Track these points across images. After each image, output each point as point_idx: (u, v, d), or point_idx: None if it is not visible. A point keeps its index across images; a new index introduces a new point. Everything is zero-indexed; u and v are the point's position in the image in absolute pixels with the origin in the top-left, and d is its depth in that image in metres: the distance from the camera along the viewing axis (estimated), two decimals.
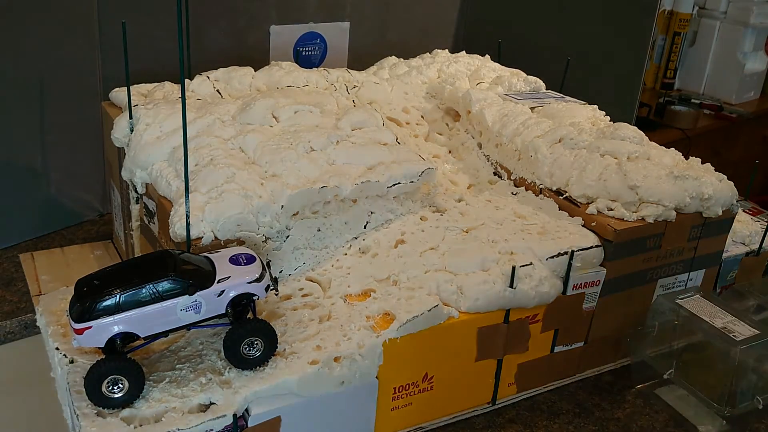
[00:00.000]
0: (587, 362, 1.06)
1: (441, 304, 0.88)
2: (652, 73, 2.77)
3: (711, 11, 2.69)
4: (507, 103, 1.26)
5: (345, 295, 0.90)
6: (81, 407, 0.73)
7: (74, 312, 0.71)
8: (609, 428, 0.96)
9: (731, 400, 0.97)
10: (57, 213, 1.33)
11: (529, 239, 0.97)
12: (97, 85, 1.31)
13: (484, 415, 0.97)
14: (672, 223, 1.01)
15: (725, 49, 2.68)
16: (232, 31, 1.49)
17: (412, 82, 1.39)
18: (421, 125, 1.29)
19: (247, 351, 0.77)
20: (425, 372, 0.90)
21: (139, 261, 0.81)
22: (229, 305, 0.76)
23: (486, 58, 1.52)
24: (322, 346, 0.82)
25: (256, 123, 1.03)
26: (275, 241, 0.92)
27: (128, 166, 1.01)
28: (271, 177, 0.93)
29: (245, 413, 0.76)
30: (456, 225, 1.01)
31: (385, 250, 0.97)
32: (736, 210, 1.09)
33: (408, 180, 1.00)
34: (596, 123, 1.22)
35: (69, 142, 1.30)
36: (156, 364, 0.80)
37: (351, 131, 1.05)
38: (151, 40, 1.36)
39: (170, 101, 1.09)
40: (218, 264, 0.77)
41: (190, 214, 0.85)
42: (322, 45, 1.64)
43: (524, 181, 1.13)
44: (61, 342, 0.83)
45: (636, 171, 1.03)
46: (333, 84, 1.29)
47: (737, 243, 1.19)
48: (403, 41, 1.73)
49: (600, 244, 0.98)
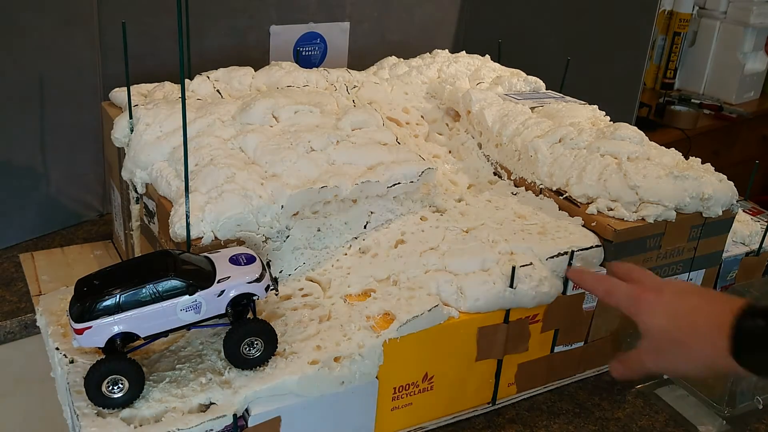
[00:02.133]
0: (587, 362, 1.06)
1: (441, 304, 0.88)
2: (652, 73, 2.77)
3: (711, 11, 2.69)
4: (507, 103, 1.26)
5: (345, 295, 0.90)
6: (81, 407, 0.73)
7: (74, 312, 0.71)
8: (609, 428, 0.96)
9: (731, 400, 0.97)
10: (57, 213, 1.33)
11: (529, 239, 0.97)
12: (97, 85, 1.31)
13: (484, 415, 0.97)
14: (672, 223, 1.01)
15: (725, 49, 2.68)
16: (232, 31, 1.49)
17: (412, 82, 1.39)
18: (421, 125, 1.29)
19: (247, 351, 0.77)
20: (425, 372, 0.90)
21: (139, 261, 0.81)
22: (229, 305, 0.76)
23: (486, 58, 1.52)
24: (322, 346, 0.82)
25: (256, 123, 1.03)
26: (275, 241, 0.92)
27: (128, 166, 1.01)
28: (271, 177, 0.93)
29: (245, 413, 0.76)
30: (456, 225, 1.01)
31: (385, 250, 0.97)
32: (736, 210, 1.09)
33: (408, 180, 1.00)
34: (596, 123, 1.22)
35: (69, 142, 1.30)
36: (156, 364, 0.80)
37: (351, 131, 1.05)
38: (151, 40, 1.36)
39: (170, 101, 1.09)
40: (218, 264, 0.77)
41: (190, 214, 0.85)
42: (322, 45, 1.64)
43: (524, 181, 1.13)
44: (61, 342, 0.83)
45: (636, 171, 1.03)
46: (333, 84, 1.29)
47: (737, 243, 1.19)
48: (403, 41, 1.73)
49: (600, 244, 0.98)
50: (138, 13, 1.34)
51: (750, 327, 0.59)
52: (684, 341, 0.65)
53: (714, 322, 0.62)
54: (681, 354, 0.65)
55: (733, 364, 0.60)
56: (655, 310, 0.68)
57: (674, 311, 0.67)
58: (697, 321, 0.64)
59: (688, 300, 0.68)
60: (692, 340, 0.64)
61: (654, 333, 0.68)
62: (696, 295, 0.68)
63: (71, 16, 1.25)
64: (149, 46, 1.35)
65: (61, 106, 1.26)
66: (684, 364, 0.66)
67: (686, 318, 0.66)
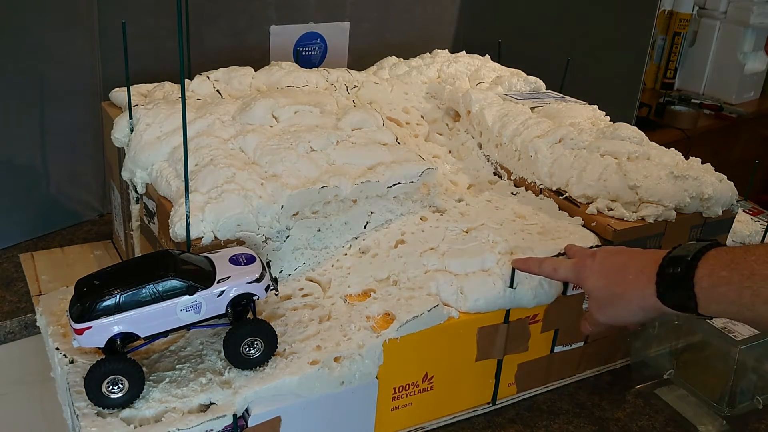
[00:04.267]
0: (587, 362, 1.06)
1: (441, 304, 0.88)
2: (652, 73, 2.77)
3: (711, 11, 2.69)
4: (507, 103, 1.26)
5: (345, 295, 0.90)
6: (81, 407, 0.73)
7: (74, 312, 0.71)
8: (609, 428, 0.96)
9: (731, 400, 0.97)
10: (57, 213, 1.33)
11: (529, 239, 0.97)
12: (97, 85, 1.31)
13: (484, 415, 0.97)
14: (672, 223, 1.01)
15: (725, 49, 2.68)
16: (232, 31, 1.49)
17: (412, 82, 1.39)
18: (421, 125, 1.29)
19: (247, 351, 0.77)
20: (425, 372, 0.90)
21: (139, 261, 0.81)
22: (229, 305, 0.76)
23: (486, 58, 1.52)
24: (322, 346, 0.82)
25: (256, 123, 1.03)
26: (275, 241, 0.92)
27: (128, 166, 1.01)
28: (271, 177, 0.93)
29: (245, 413, 0.76)
30: (456, 225, 1.01)
31: (385, 250, 0.97)
32: (736, 210, 1.09)
33: (408, 180, 1.00)
34: (596, 123, 1.22)
35: (69, 142, 1.30)
36: (156, 364, 0.80)
37: (351, 131, 1.05)
38: (151, 40, 1.36)
39: (170, 101, 1.09)
40: (218, 264, 0.77)
41: (190, 214, 0.85)
42: (322, 45, 1.64)
43: (524, 181, 1.13)
44: (61, 342, 0.83)
45: (636, 171, 1.03)
46: (333, 84, 1.29)
47: (737, 243, 1.20)
48: (403, 41, 1.73)
49: (600, 244, 0.98)
50: (138, 13, 1.34)
51: (669, 273, 0.70)
52: (620, 293, 0.76)
53: (642, 273, 0.73)
54: (620, 304, 0.76)
55: (659, 305, 0.71)
56: (592, 273, 0.80)
57: (607, 270, 0.78)
58: (628, 274, 0.75)
59: (618, 258, 0.78)
60: (626, 290, 0.75)
61: (596, 292, 0.79)
62: (624, 254, 0.79)
63: (71, 16, 1.25)
64: (149, 46, 1.35)
65: (61, 106, 1.26)
66: (624, 312, 0.76)
67: (618, 274, 0.76)
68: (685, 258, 0.69)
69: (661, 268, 0.71)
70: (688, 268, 0.68)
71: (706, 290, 0.67)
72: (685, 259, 0.69)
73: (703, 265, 0.67)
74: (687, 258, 0.69)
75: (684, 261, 0.69)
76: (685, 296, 0.68)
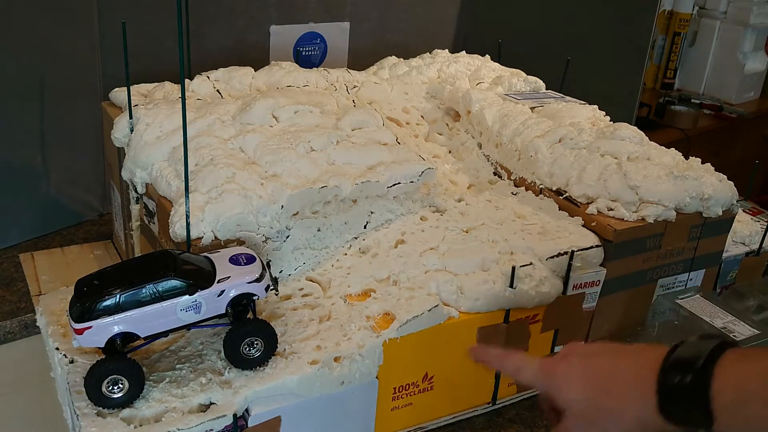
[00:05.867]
0: None
1: (441, 304, 0.88)
2: (652, 73, 2.77)
3: (711, 11, 2.68)
4: (507, 103, 1.26)
5: (345, 295, 0.90)
6: (81, 407, 0.73)
7: (74, 312, 0.71)
8: None
9: None
10: (57, 213, 1.33)
11: (529, 239, 0.97)
12: (97, 85, 1.31)
13: (484, 415, 0.97)
14: (672, 223, 1.01)
15: (725, 49, 2.68)
16: (232, 31, 1.49)
17: (412, 82, 1.39)
18: (421, 125, 1.29)
19: (247, 351, 0.77)
20: (425, 372, 0.90)
21: (139, 261, 0.81)
22: (229, 305, 0.76)
23: (486, 58, 1.52)
24: (322, 346, 0.82)
25: (256, 123, 1.03)
26: (275, 241, 0.92)
27: (128, 166, 1.01)
28: (271, 177, 0.93)
29: (245, 413, 0.76)
30: (456, 225, 1.01)
31: (385, 250, 0.97)
32: (736, 210, 1.09)
33: (408, 180, 1.00)
34: (596, 123, 1.22)
35: (69, 142, 1.30)
36: (156, 364, 0.80)
37: (351, 131, 1.05)
38: (151, 40, 1.36)
39: (170, 101, 1.09)
40: (218, 264, 0.77)
41: (190, 214, 0.85)
42: (322, 45, 1.64)
43: (524, 181, 1.13)
44: (61, 342, 0.83)
45: (636, 171, 1.03)
46: (333, 84, 1.29)
47: (737, 243, 1.19)
48: (403, 41, 1.73)
49: (600, 244, 0.98)
50: (138, 13, 1.34)
51: (674, 383, 0.55)
52: (609, 407, 0.59)
53: (637, 380, 0.58)
54: (611, 420, 0.59)
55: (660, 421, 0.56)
56: (569, 381, 0.62)
57: (590, 376, 0.61)
58: (618, 382, 0.59)
59: (601, 361, 0.62)
60: (618, 404, 0.58)
61: (577, 406, 0.61)
62: (608, 354, 0.62)
63: (71, 16, 1.25)
64: (149, 46, 1.35)
65: (61, 107, 1.26)
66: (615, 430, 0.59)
67: (606, 382, 0.60)
68: (695, 363, 0.54)
69: (662, 374, 0.56)
70: (701, 377, 0.53)
71: (729, 408, 0.52)
72: (695, 365, 0.54)
73: (722, 374, 0.53)
74: (698, 363, 0.54)
75: (693, 367, 0.54)
76: (698, 414, 0.53)
